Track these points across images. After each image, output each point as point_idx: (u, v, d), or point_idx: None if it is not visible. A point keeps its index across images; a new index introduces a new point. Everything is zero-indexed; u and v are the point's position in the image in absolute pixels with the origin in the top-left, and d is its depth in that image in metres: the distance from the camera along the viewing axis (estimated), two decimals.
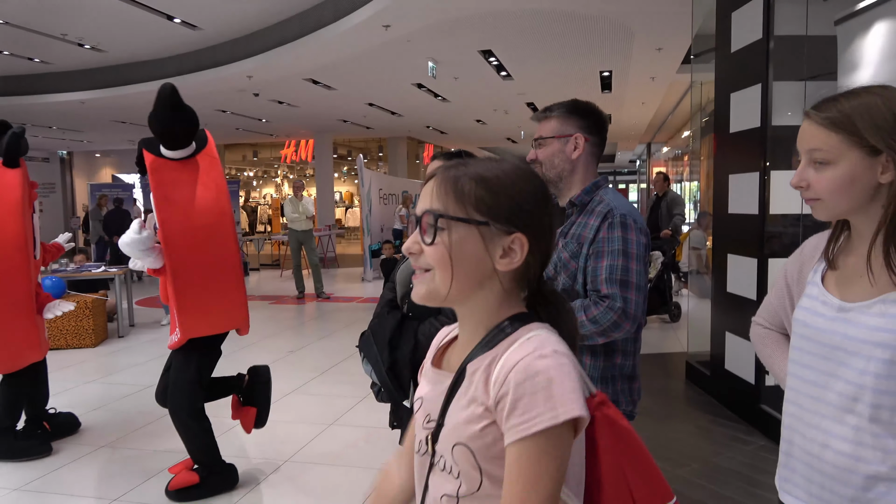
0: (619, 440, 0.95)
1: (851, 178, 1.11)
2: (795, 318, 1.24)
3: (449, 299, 0.93)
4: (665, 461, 3.48)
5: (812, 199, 1.16)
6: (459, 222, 0.89)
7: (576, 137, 1.85)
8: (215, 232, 2.95)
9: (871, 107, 1.09)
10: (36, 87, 11.37)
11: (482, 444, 0.88)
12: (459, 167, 0.92)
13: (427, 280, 0.92)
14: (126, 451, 3.75)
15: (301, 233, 9.35)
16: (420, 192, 0.96)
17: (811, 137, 1.14)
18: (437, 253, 0.90)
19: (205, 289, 2.98)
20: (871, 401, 1.10)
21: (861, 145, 1.09)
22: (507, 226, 0.90)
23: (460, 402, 0.92)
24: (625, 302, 1.66)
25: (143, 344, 6.59)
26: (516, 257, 0.91)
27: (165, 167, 2.95)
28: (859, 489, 1.11)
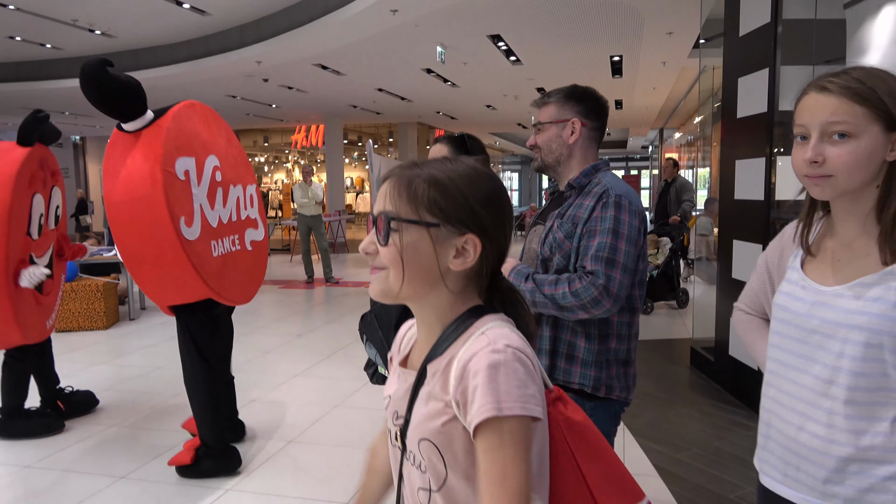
0: (577, 438, 0.96)
1: (871, 153, 1.08)
2: (775, 303, 1.25)
3: (401, 297, 0.95)
4: (666, 445, 3.50)
5: (822, 176, 1.11)
6: (411, 224, 0.92)
7: (573, 122, 1.86)
8: (149, 203, 2.84)
9: (886, 80, 1.08)
10: (48, 72, 11.45)
11: (444, 440, 0.91)
12: (414, 169, 0.94)
13: (381, 279, 0.94)
14: (134, 431, 3.82)
15: (310, 218, 9.40)
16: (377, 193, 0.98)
17: (831, 110, 1.08)
18: (390, 254, 0.92)
19: (147, 258, 2.96)
20: (846, 383, 1.11)
21: (882, 119, 1.07)
22: (459, 227, 0.92)
23: (422, 400, 0.94)
24: (608, 279, 1.67)
25: (154, 327, 6.67)
26: (469, 257, 0.93)
27: (119, 140, 2.94)
28: (832, 470, 1.13)
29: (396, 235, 0.92)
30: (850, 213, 1.16)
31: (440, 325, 0.96)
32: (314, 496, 3.01)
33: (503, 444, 0.84)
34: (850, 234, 1.17)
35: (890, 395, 1.09)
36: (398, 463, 1.01)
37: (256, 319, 6.99)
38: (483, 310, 0.96)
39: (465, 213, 0.92)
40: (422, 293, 0.95)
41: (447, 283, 0.94)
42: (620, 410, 1.88)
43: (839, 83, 1.09)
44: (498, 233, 0.95)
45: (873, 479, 1.10)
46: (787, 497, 1.21)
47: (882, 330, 1.07)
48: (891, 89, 1.08)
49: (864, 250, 1.14)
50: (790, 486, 1.21)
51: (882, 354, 1.08)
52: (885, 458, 1.09)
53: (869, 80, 1.08)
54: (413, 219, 0.92)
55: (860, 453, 1.11)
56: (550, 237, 1.84)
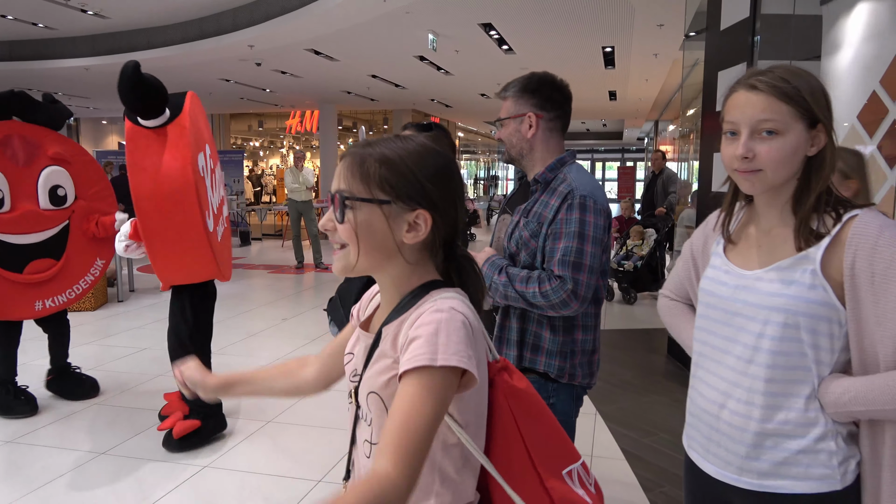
0: (516, 404, 1.04)
1: (796, 148, 1.14)
2: (701, 288, 1.32)
3: (360, 270, 1.01)
4: (636, 430, 3.59)
5: (752, 171, 1.17)
6: (364, 202, 0.97)
7: (528, 116, 1.86)
8: (180, 198, 3.06)
9: (808, 80, 1.15)
10: (41, 52, 11.40)
11: (389, 394, 0.97)
12: (366, 148, 1.00)
13: (342, 256, 1.01)
14: (117, 409, 3.90)
15: (301, 203, 9.43)
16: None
17: (760, 108, 1.14)
18: (347, 231, 0.98)
19: (172, 247, 3.17)
20: (766, 362, 1.18)
21: (804, 117, 1.13)
22: (410, 203, 0.98)
23: (375, 359, 1.02)
24: (575, 284, 1.71)
25: (142, 309, 6.73)
26: (421, 231, 0.99)
27: (140, 135, 3.08)
28: (749, 446, 1.20)
29: (351, 213, 0.98)
30: (771, 204, 1.23)
31: (399, 294, 1.03)
32: (289, 473, 3.09)
33: (422, 391, 0.89)
34: (769, 223, 1.24)
35: (806, 373, 1.16)
36: (353, 422, 1.08)
37: (244, 303, 7.05)
38: (438, 284, 1.03)
39: (415, 190, 0.98)
40: (380, 265, 1.01)
41: (404, 255, 1.00)
42: (583, 393, 1.94)
43: (767, 82, 1.14)
44: (448, 206, 1.01)
45: (786, 453, 1.17)
46: (708, 472, 1.29)
47: (798, 311, 1.14)
48: (812, 88, 1.14)
49: (781, 237, 1.21)
50: (711, 461, 1.28)
51: (799, 334, 1.15)
52: (798, 432, 1.17)
53: (793, 79, 1.14)
54: (366, 197, 0.97)
55: (776, 428, 1.18)
56: (517, 234, 1.86)
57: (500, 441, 1.03)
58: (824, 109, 1.14)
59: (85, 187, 3.92)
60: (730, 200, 1.31)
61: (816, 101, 1.14)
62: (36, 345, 4.37)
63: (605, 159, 34.10)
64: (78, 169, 3.88)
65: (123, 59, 11.04)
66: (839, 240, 1.13)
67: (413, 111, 18.68)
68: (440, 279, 1.05)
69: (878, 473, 1.14)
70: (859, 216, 1.13)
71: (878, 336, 1.10)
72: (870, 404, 1.10)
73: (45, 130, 3.76)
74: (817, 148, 1.16)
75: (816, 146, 1.15)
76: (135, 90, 2.94)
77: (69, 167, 3.84)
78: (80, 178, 3.90)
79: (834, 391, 1.14)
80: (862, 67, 3.23)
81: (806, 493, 1.17)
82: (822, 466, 1.16)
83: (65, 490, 2.92)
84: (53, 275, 3.82)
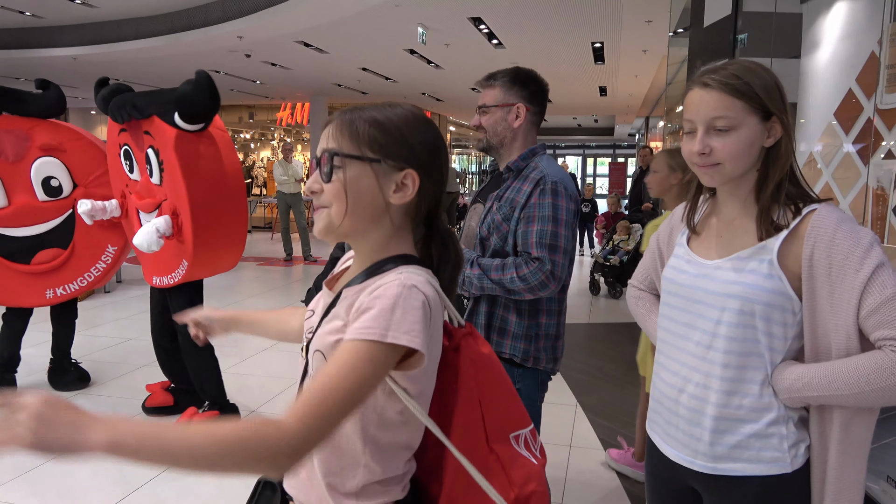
0: (479, 369, 1.07)
1: (751, 142, 1.19)
2: (664, 276, 1.37)
3: (342, 232, 1.01)
4: (614, 421, 3.65)
5: (711, 165, 1.21)
6: (354, 160, 0.98)
7: (517, 107, 1.93)
8: (235, 200, 3.31)
9: (760, 74, 1.19)
10: (28, 41, 11.32)
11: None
12: (356, 111, 1.01)
13: (325, 216, 1.00)
14: (100, 398, 3.91)
15: (290, 195, 9.44)
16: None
17: (713, 105, 1.18)
18: (334, 189, 0.98)
19: (218, 244, 3.34)
20: (723, 347, 1.22)
21: (757, 111, 1.18)
22: (399, 162, 0.99)
23: (329, 318, 1.03)
24: (553, 265, 1.78)
25: (129, 300, 6.73)
26: (408, 191, 1.00)
27: (186, 140, 3.12)
28: (705, 430, 1.25)
29: (340, 172, 0.98)
30: (732, 195, 1.27)
31: (371, 261, 1.04)
32: None
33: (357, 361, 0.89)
34: (732, 214, 1.28)
35: (759, 359, 1.21)
36: (301, 377, 1.10)
37: (232, 295, 7.07)
38: (410, 259, 1.03)
39: (404, 150, 0.99)
40: (363, 228, 1.01)
41: (386, 220, 1.01)
42: (547, 378, 2.00)
43: (718, 79, 1.19)
44: (435, 172, 1.02)
45: (740, 437, 1.22)
46: (667, 454, 1.34)
47: (754, 298, 1.19)
48: (764, 83, 1.19)
49: (743, 228, 1.25)
50: (670, 444, 1.33)
51: (754, 321, 1.19)
52: (752, 417, 1.22)
53: (745, 75, 1.18)
54: (356, 154, 0.98)
55: (731, 413, 1.23)
56: (489, 218, 1.93)
57: (462, 405, 1.05)
58: (778, 102, 1.18)
59: (83, 174, 3.83)
60: (694, 193, 1.36)
61: (769, 94, 1.18)
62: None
63: (597, 155, 34.18)
64: (73, 156, 3.80)
65: (111, 49, 10.90)
66: (797, 232, 1.18)
67: None
68: (414, 255, 1.05)
69: (825, 456, 1.19)
70: (818, 210, 1.18)
71: (832, 325, 1.15)
72: (822, 390, 1.14)
73: (34, 121, 3.72)
74: (774, 139, 1.20)
75: (773, 137, 1.20)
76: (215, 98, 3.05)
77: (62, 155, 3.77)
78: (77, 165, 3.81)
79: (787, 377, 1.18)
80: (839, 66, 3.29)
81: (757, 475, 1.22)
82: (773, 450, 1.21)
83: (48, 477, 2.94)
84: (61, 263, 3.83)
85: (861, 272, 1.11)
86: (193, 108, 3.05)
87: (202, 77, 3.03)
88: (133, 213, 3.47)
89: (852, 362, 1.12)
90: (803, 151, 3.39)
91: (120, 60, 11.51)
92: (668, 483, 1.38)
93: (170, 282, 3.33)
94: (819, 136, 3.34)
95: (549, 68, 12.32)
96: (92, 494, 2.80)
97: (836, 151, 3.16)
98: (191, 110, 3.05)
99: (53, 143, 3.77)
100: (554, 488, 2.74)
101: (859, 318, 1.12)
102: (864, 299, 1.11)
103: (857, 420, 1.16)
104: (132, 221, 3.51)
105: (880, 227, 2.61)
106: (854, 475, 1.17)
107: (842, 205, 2.98)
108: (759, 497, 1.22)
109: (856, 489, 1.17)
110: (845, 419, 1.16)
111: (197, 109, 3.06)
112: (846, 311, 1.13)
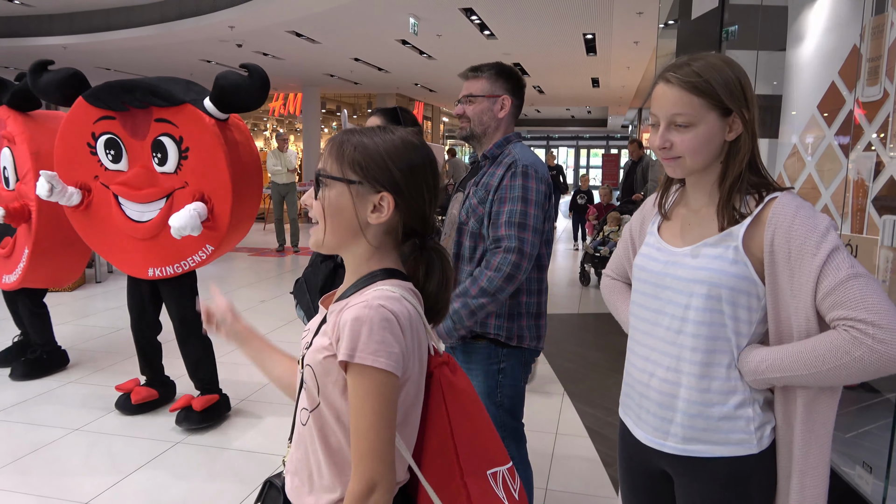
0: (453, 400, 1.10)
1: (709, 137, 1.23)
2: (635, 264, 1.41)
3: (328, 247, 1.09)
4: (601, 409, 3.70)
5: (673, 158, 1.27)
6: (335, 180, 1.07)
7: (503, 98, 2.02)
8: (258, 184, 3.45)
9: (722, 71, 1.23)
10: (17, 29, 11.21)
11: (322, 370, 1.06)
12: (350, 134, 1.09)
13: (315, 231, 1.10)
14: (90, 388, 3.94)
15: (282, 185, 9.45)
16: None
17: (673, 102, 1.23)
18: (318, 206, 1.08)
19: (240, 228, 3.48)
20: (691, 331, 1.26)
21: (717, 107, 1.22)
22: (375, 185, 1.06)
23: (319, 335, 1.10)
24: (520, 242, 1.85)
25: (120, 290, 6.71)
26: (384, 213, 1.06)
27: (221, 128, 3.16)
28: (677, 412, 1.29)
29: (325, 190, 1.07)
30: (699, 186, 1.31)
31: (356, 276, 1.10)
32: (257, 449, 3.16)
33: (358, 389, 0.99)
34: (698, 203, 1.32)
35: (726, 343, 1.25)
36: (298, 389, 1.16)
37: (224, 285, 7.08)
38: (392, 273, 1.08)
39: (383, 174, 1.06)
40: (345, 243, 1.09)
41: (366, 236, 1.08)
42: (531, 359, 2.07)
43: (678, 77, 1.23)
44: (416, 196, 1.08)
45: (708, 419, 1.26)
46: (639, 438, 1.38)
47: (720, 283, 1.23)
48: (726, 80, 1.22)
49: (709, 217, 1.29)
50: (641, 427, 1.37)
51: (720, 306, 1.23)
52: (719, 400, 1.26)
53: (706, 72, 1.22)
54: (336, 175, 1.06)
55: (699, 396, 1.26)
56: (467, 203, 2.01)
57: (430, 432, 1.09)
58: (739, 99, 1.22)
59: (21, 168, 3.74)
60: (664, 181, 1.40)
61: (730, 91, 1.22)
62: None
63: (591, 146, 34.22)
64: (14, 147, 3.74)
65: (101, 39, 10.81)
66: (760, 219, 1.22)
67: (397, 95, 18.62)
68: (397, 269, 1.10)
69: (790, 436, 1.24)
70: (779, 198, 1.22)
71: (793, 308, 1.19)
72: (783, 371, 1.19)
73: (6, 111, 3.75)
74: (735, 133, 1.24)
75: (735, 132, 1.24)
76: (266, 90, 3.10)
77: (14, 148, 3.75)
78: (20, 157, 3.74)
79: (752, 360, 1.23)
80: (822, 59, 3.32)
81: (725, 456, 1.26)
82: (740, 432, 1.25)
83: (40, 463, 2.97)
84: (9, 253, 3.93)
85: (817, 256, 1.15)
86: (249, 100, 3.07)
87: (259, 70, 3.07)
88: (108, 205, 3.32)
89: (810, 343, 1.16)
90: (788, 143, 3.43)
91: (110, 50, 11.43)
92: (640, 466, 1.42)
93: (178, 270, 3.33)
94: (803, 129, 3.38)
95: (542, 59, 12.34)
96: (83, 481, 2.84)
97: (819, 143, 3.21)
98: (245, 101, 3.07)
99: (9, 136, 3.76)
100: (539, 475, 2.78)
101: (816, 301, 1.16)
102: (821, 282, 1.15)
103: (819, 400, 1.21)
104: (102, 214, 3.35)
105: (860, 218, 2.65)
106: (818, 454, 1.21)
107: (824, 196, 3.02)
108: (728, 477, 1.27)
109: (821, 468, 1.22)
110: (808, 399, 1.21)
111: (251, 101, 3.09)
112: (805, 294, 1.17)
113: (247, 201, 3.38)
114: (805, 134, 3.35)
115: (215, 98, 3.08)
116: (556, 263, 9.04)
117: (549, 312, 2.15)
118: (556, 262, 9.14)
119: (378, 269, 1.08)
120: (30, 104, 3.79)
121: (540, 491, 2.79)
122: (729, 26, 3.96)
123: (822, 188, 3.03)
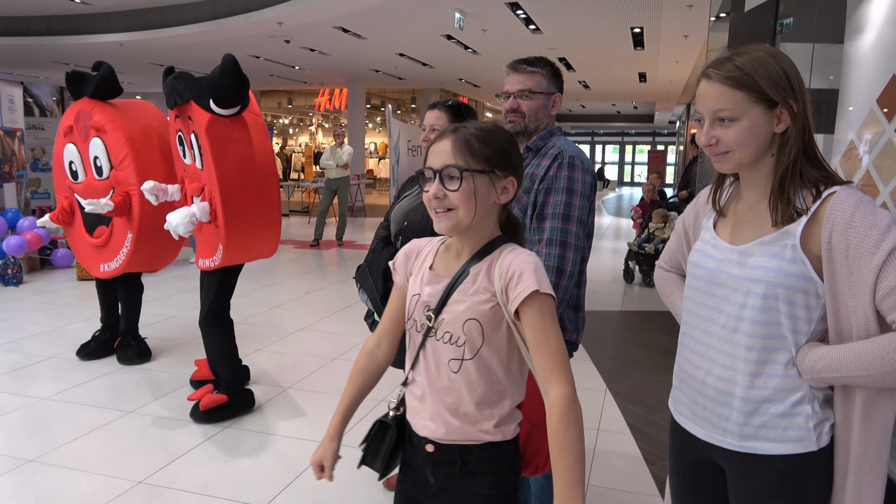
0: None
1: (755, 129, 1.22)
2: (690, 260, 1.39)
3: (468, 228, 1.28)
4: (643, 407, 3.66)
5: (721, 153, 1.26)
6: (478, 173, 1.26)
7: (556, 97, 2.07)
8: (268, 184, 3.38)
9: (765, 63, 1.21)
10: (76, 27, 11.64)
11: (489, 319, 1.26)
12: (462, 131, 1.27)
13: (451, 217, 1.26)
14: (144, 372, 4.09)
15: (333, 180, 9.65)
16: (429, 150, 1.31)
17: (716, 98, 1.22)
18: (463, 195, 1.25)
19: (251, 229, 3.39)
20: (747, 331, 1.25)
21: (761, 100, 1.21)
22: (504, 171, 1.29)
23: (466, 293, 1.28)
24: (564, 234, 1.87)
25: (171, 279, 6.94)
26: (510, 193, 1.31)
27: (219, 124, 3.20)
28: (732, 409, 1.28)
29: (468, 181, 1.25)
30: (752, 180, 1.29)
31: (479, 242, 1.31)
32: (303, 436, 3.23)
33: (545, 314, 1.22)
34: (753, 199, 1.30)
35: (782, 341, 1.23)
36: (418, 343, 1.33)
37: (269, 276, 7.23)
38: (506, 238, 1.34)
39: (506, 161, 1.29)
40: (479, 222, 1.29)
41: (493, 213, 1.32)
42: (570, 353, 2.06)
43: (718, 73, 1.23)
44: (521, 172, 1.34)
45: (766, 416, 1.25)
46: (694, 433, 1.37)
47: (777, 283, 1.21)
48: (769, 72, 1.20)
49: (764, 213, 1.27)
50: (698, 423, 1.36)
51: (777, 305, 1.22)
52: (777, 397, 1.24)
53: (748, 65, 1.21)
54: (479, 168, 1.26)
55: (756, 393, 1.25)
56: None
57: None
58: (785, 89, 1.20)
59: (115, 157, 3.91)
60: (717, 177, 1.38)
61: (774, 83, 1.20)
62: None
63: (636, 142, 33.65)
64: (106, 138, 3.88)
65: (156, 35, 11.13)
66: (817, 216, 1.19)
67: (441, 90, 18.66)
68: (503, 235, 1.35)
69: (848, 435, 1.21)
70: (837, 193, 1.19)
71: (852, 307, 1.16)
72: (841, 371, 1.16)
73: (92, 103, 3.93)
74: (784, 125, 1.22)
75: (784, 124, 1.22)
76: (242, 82, 3.13)
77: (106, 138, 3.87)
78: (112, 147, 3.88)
79: (810, 359, 1.21)
80: (882, 51, 3.20)
81: (782, 454, 1.24)
82: (798, 429, 1.23)
83: (94, 444, 3.10)
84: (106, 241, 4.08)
85: (876, 255, 1.12)
86: (221, 92, 3.12)
87: (228, 61, 3.08)
88: (190, 199, 3.51)
89: (869, 344, 1.14)
90: (844, 140, 3.33)
91: (164, 46, 11.77)
92: (691, 458, 1.41)
93: (211, 265, 3.41)
94: (861, 124, 3.27)
95: (587, 54, 12.19)
96: (137, 460, 2.95)
97: (878, 139, 3.10)
98: (219, 94, 3.12)
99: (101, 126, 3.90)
100: None
101: (876, 301, 1.13)
102: (880, 282, 1.12)
103: (878, 400, 1.18)
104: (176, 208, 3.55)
105: None
106: (875, 454, 1.19)
107: (882, 193, 2.92)
108: (784, 474, 1.25)
109: (877, 468, 1.19)
110: (867, 399, 1.18)
111: (225, 93, 3.12)
112: (863, 294, 1.14)
113: (252, 202, 3.33)
114: (863, 130, 3.24)
115: (209, 94, 3.17)
116: (600, 260, 8.94)
117: (592, 309, 2.14)
118: (600, 259, 9.03)
119: (497, 236, 1.32)
120: (112, 93, 3.96)
121: None
122: (784, 18, 3.85)
123: (881, 185, 2.93)
